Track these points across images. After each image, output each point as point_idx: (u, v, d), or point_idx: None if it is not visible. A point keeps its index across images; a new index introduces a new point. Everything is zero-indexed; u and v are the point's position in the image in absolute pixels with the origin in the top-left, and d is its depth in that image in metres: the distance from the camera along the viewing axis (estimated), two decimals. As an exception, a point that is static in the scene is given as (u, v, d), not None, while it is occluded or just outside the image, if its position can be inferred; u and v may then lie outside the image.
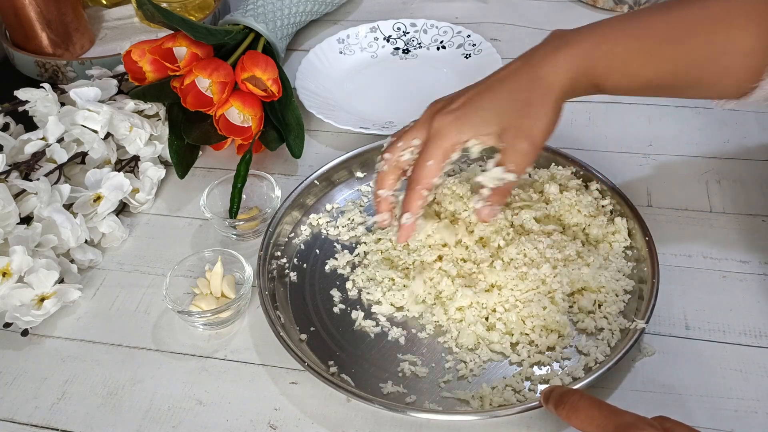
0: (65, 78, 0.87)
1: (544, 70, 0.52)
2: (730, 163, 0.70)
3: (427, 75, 0.87)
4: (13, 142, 0.68)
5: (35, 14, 0.85)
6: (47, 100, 0.68)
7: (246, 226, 0.66)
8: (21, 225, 0.61)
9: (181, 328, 0.60)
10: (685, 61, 0.52)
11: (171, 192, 0.73)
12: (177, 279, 0.61)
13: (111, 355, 0.58)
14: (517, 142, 0.52)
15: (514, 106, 0.52)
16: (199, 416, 0.54)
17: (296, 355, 0.53)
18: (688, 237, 0.63)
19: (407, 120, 0.78)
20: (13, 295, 0.58)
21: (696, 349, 0.55)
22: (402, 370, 0.55)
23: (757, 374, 0.53)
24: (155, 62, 0.71)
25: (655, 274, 0.56)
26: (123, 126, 0.68)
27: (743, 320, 0.57)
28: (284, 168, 0.75)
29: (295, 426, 0.52)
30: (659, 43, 0.52)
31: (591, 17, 0.93)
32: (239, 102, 0.69)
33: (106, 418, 0.54)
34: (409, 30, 0.91)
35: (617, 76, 0.53)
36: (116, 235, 0.67)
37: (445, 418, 0.50)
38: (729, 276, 0.60)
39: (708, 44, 0.51)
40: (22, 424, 0.54)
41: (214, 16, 0.95)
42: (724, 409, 0.51)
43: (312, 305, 0.60)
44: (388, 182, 0.56)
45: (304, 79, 0.83)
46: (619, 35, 0.53)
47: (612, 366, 0.51)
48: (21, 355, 0.59)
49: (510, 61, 0.55)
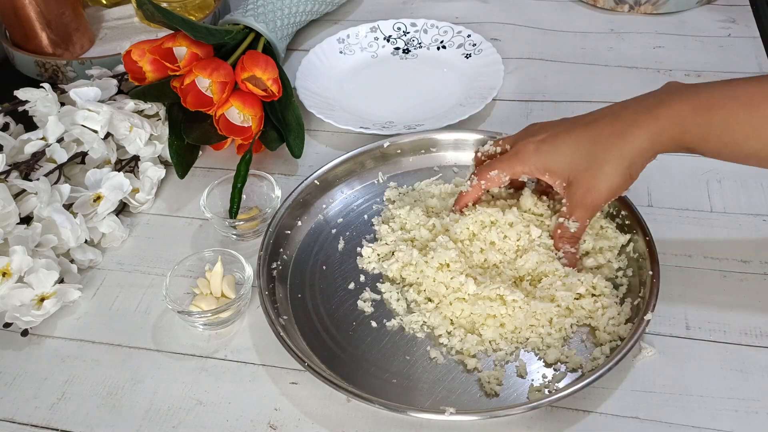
0: (65, 78, 0.87)
1: (630, 131, 0.53)
2: (730, 162, 0.70)
3: (427, 75, 0.87)
4: (13, 142, 0.68)
5: (35, 14, 0.85)
6: (47, 100, 0.68)
7: (246, 226, 0.66)
8: (21, 225, 0.61)
9: (181, 328, 0.60)
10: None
11: (171, 192, 0.73)
12: (177, 279, 0.61)
13: (111, 355, 0.58)
14: (580, 197, 0.55)
15: (588, 161, 0.54)
16: (199, 416, 0.54)
17: (296, 355, 0.53)
18: (689, 237, 0.63)
19: (407, 120, 0.78)
20: (13, 295, 0.58)
21: (696, 349, 0.55)
22: (402, 370, 0.55)
23: (757, 374, 0.53)
24: (155, 62, 0.71)
25: (656, 274, 0.56)
26: (123, 126, 0.68)
27: (743, 320, 0.57)
28: (284, 168, 0.75)
29: (295, 426, 0.52)
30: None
31: (591, 17, 0.94)
32: (239, 102, 0.69)
33: (106, 418, 0.54)
34: (409, 30, 0.91)
35: (716, 144, 0.51)
36: (116, 235, 0.67)
37: (445, 418, 0.50)
38: (729, 276, 0.60)
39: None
40: (22, 424, 0.54)
41: (214, 15, 0.95)
42: (724, 409, 0.51)
43: (312, 305, 0.60)
44: (462, 203, 0.63)
45: (304, 79, 0.83)
46: (726, 101, 0.51)
47: (612, 366, 0.51)
48: (21, 355, 0.59)
49: (607, 105, 0.57)
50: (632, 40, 0.89)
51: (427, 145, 0.72)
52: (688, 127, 0.51)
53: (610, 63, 0.86)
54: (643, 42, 0.89)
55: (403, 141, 0.71)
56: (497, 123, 0.78)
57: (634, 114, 0.53)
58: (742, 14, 0.92)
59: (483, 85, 0.81)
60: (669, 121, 0.52)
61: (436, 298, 0.58)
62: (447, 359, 0.55)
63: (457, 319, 0.57)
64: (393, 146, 0.71)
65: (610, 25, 0.92)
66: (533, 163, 0.57)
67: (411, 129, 0.75)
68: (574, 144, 0.55)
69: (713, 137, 0.51)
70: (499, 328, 0.56)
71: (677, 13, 0.93)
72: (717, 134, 0.51)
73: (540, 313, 0.55)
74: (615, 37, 0.90)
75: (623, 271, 0.60)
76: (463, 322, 0.57)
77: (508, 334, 0.56)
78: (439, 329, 0.57)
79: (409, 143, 0.71)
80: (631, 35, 0.90)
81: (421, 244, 0.62)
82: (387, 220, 0.66)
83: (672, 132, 0.52)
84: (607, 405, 0.52)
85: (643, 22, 0.92)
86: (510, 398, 0.52)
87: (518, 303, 0.55)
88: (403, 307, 0.59)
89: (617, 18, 0.93)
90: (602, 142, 0.54)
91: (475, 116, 0.76)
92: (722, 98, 0.51)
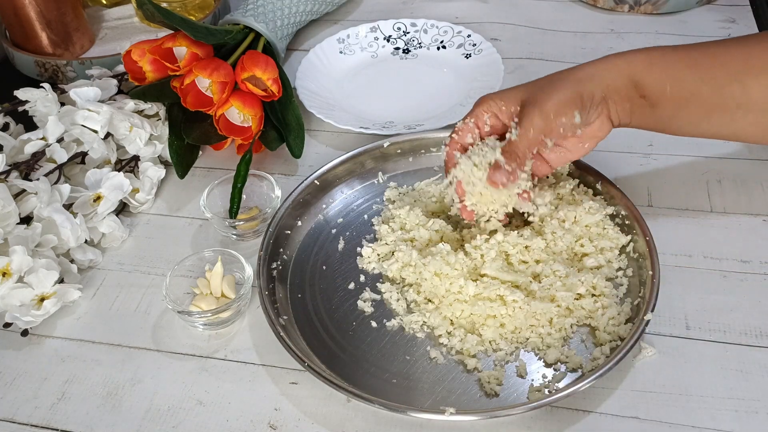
0: (65, 78, 0.87)
1: (587, 64, 0.57)
2: (730, 162, 0.70)
3: (427, 75, 0.87)
4: (13, 142, 0.68)
5: (35, 14, 0.85)
6: (47, 100, 0.68)
7: (246, 226, 0.66)
8: (21, 225, 0.61)
9: (181, 328, 0.60)
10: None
11: (171, 192, 0.73)
12: (177, 279, 0.61)
13: (111, 355, 0.58)
14: (529, 110, 0.55)
15: (544, 83, 0.57)
16: (199, 416, 0.54)
17: (296, 355, 0.53)
18: (689, 237, 0.63)
19: (407, 120, 0.78)
20: (13, 295, 0.58)
21: (696, 349, 0.55)
22: (402, 370, 0.55)
23: (758, 374, 0.53)
24: (155, 62, 0.71)
25: (656, 274, 0.56)
26: (123, 126, 0.68)
27: (744, 320, 0.57)
28: (284, 168, 0.75)
29: (295, 426, 0.52)
30: (706, 56, 0.55)
31: (591, 17, 0.94)
32: (239, 102, 0.69)
33: (106, 418, 0.54)
34: (409, 30, 0.91)
35: (660, 75, 0.54)
36: (116, 235, 0.67)
37: (445, 418, 0.50)
38: (729, 276, 0.60)
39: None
40: (22, 424, 0.54)
41: (214, 16, 0.95)
42: (724, 409, 0.51)
43: (312, 305, 0.60)
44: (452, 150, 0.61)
45: (304, 79, 0.83)
46: (668, 48, 0.56)
47: (612, 366, 0.51)
48: (21, 355, 0.59)
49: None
50: (632, 40, 0.89)
51: (427, 145, 0.72)
52: (637, 61, 0.55)
53: (610, 63, 0.86)
54: (643, 42, 0.88)
55: (403, 141, 0.71)
56: (497, 123, 0.78)
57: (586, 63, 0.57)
58: (742, 14, 0.92)
59: (483, 85, 0.81)
60: (625, 62, 0.56)
61: (435, 299, 0.58)
62: (447, 359, 0.55)
63: (457, 319, 0.57)
64: (393, 146, 0.71)
65: (610, 25, 0.92)
66: (490, 98, 0.59)
67: (411, 129, 0.75)
68: (531, 83, 0.58)
69: (658, 70, 0.55)
70: (499, 328, 0.56)
71: (677, 13, 0.93)
72: (661, 68, 0.55)
73: (540, 313, 0.56)
74: (615, 37, 0.90)
75: (623, 271, 0.60)
76: (463, 323, 0.57)
77: (508, 334, 0.56)
78: (439, 329, 0.57)
79: (409, 143, 0.71)
80: (631, 35, 0.90)
81: (420, 244, 0.62)
82: (387, 220, 0.66)
83: (627, 70, 0.55)
84: (607, 405, 0.52)
85: (643, 22, 0.92)
86: (510, 398, 0.52)
87: (518, 303, 0.55)
88: (403, 307, 0.59)
89: (617, 18, 0.93)
90: (561, 73, 0.57)
91: (475, 116, 0.76)
92: (663, 48, 0.56)
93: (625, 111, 0.56)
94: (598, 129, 0.57)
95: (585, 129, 0.56)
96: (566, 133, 0.56)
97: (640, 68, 0.55)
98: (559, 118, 0.54)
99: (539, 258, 0.60)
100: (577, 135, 0.56)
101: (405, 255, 0.60)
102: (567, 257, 0.60)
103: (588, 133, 0.57)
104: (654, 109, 0.56)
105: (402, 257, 0.60)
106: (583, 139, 0.58)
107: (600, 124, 0.57)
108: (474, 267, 0.59)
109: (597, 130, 0.57)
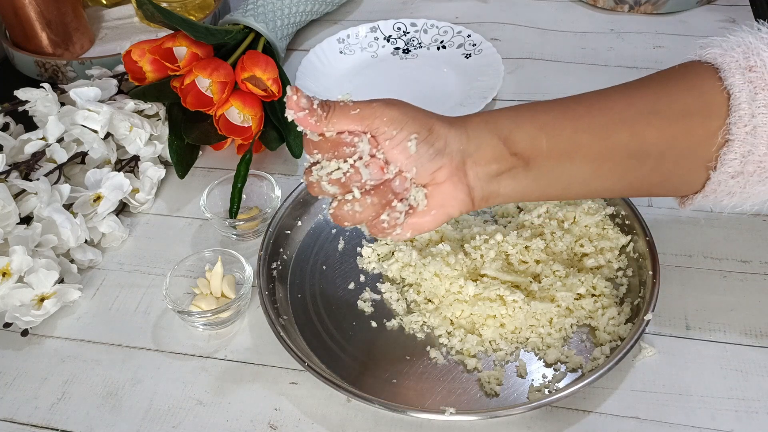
0: (65, 78, 0.87)
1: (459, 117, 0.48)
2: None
3: (427, 75, 0.87)
4: (13, 142, 0.68)
5: (35, 14, 0.85)
6: (47, 100, 0.68)
7: (246, 226, 0.66)
8: (21, 225, 0.61)
9: (181, 328, 0.60)
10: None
11: (171, 192, 0.73)
12: (177, 279, 0.61)
13: (111, 355, 0.58)
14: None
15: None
16: (199, 416, 0.54)
17: (296, 355, 0.53)
18: (688, 237, 0.63)
19: (407, 120, 0.78)
20: (13, 295, 0.58)
21: (696, 349, 0.55)
22: (402, 370, 0.55)
23: (757, 374, 0.53)
24: (155, 62, 0.71)
25: (656, 274, 0.56)
26: (123, 126, 0.68)
27: (744, 320, 0.57)
28: (284, 168, 0.75)
29: (295, 426, 0.52)
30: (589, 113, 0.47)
31: (591, 17, 0.94)
32: (239, 102, 0.69)
33: (106, 418, 0.54)
34: (409, 30, 0.91)
35: (532, 128, 0.47)
36: (116, 235, 0.67)
37: (445, 418, 0.50)
38: (729, 276, 0.60)
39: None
40: (22, 424, 0.54)
41: (214, 16, 0.95)
42: (724, 409, 0.51)
43: (312, 305, 0.60)
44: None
45: (304, 79, 0.83)
46: (537, 103, 0.49)
47: (612, 366, 0.51)
48: (21, 355, 0.59)
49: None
50: (632, 40, 0.89)
51: (427, 145, 0.72)
52: (513, 127, 0.47)
53: (610, 63, 0.86)
54: (643, 42, 0.89)
55: (403, 141, 0.71)
56: (497, 123, 0.78)
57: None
58: (742, 14, 0.92)
59: (483, 85, 0.81)
60: (490, 117, 0.48)
61: (435, 299, 0.58)
62: (447, 359, 0.55)
63: (457, 319, 0.57)
64: (393, 146, 0.71)
65: (610, 25, 0.92)
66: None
67: (411, 129, 0.75)
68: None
69: (531, 127, 0.47)
70: (499, 329, 0.56)
71: (677, 13, 0.93)
72: (537, 124, 0.47)
73: (540, 313, 0.56)
74: (615, 37, 0.90)
75: (623, 271, 0.60)
76: (463, 323, 0.57)
77: (508, 334, 0.56)
78: (439, 329, 0.57)
79: (409, 143, 0.71)
80: (631, 35, 0.90)
81: (420, 244, 0.62)
82: None
83: (494, 125, 0.47)
84: (607, 405, 0.52)
85: (643, 22, 0.92)
86: (510, 398, 0.52)
87: (518, 303, 0.56)
88: (403, 307, 0.59)
89: (617, 18, 0.93)
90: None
91: (475, 116, 0.76)
92: (535, 105, 0.49)
93: (490, 174, 0.47)
94: (451, 196, 0.47)
95: (433, 193, 0.48)
96: (390, 145, 0.46)
97: (507, 123, 0.47)
98: (392, 124, 0.45)
99: (539, 258, 0.60)
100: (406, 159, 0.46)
101: (405, 255, 0.60)
102: (567, 257, 0.60)
103: (437, 200, 0.48)
104: (529, 169, 0.47)
105: (402, 257, 0.60)
106: (432, 206, 0.48)
107: (452, 188, 0.47)
108: (474, 267, 0.59)
109: (449, 196, 0.48)
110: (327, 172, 0.46)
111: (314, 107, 0.45)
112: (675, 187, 0.49)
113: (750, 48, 0.45)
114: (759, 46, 0.45)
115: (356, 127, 0.46)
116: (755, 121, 0.44)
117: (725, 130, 0.45)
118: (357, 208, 0.46)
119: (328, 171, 0.46)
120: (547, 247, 0.60)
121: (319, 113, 0.45)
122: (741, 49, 0.45)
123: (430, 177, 0.47)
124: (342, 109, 0.46)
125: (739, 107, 0.44)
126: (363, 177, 0.46)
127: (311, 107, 0.45)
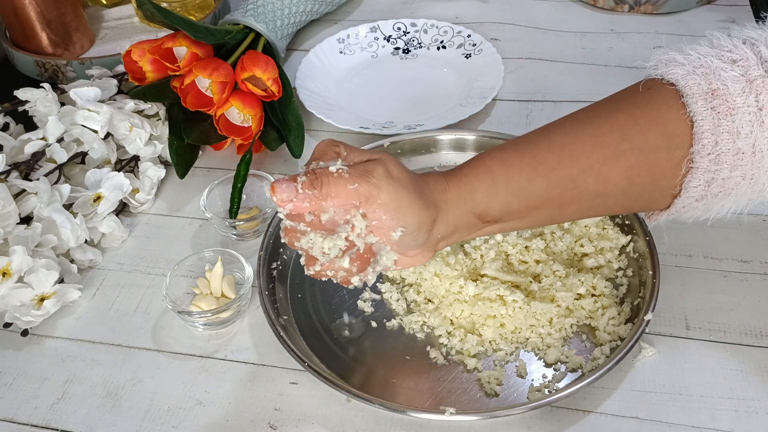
0: (65, 78, 0.87)
1: (444, 190, 0.48)
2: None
3: (427, 75, 0.87)
4: (13, 142, 0.68)
5: (35, 14, 0.85)
6: (47, 100, 0.68)
7: (246, 226, 0.66)
8: (21, 225, 0.61)
9: (181, 328, 0.60)
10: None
11: (171, 192, 0.73)
12: (177, 279, 0.61)
13: (111, 355, 0.58)
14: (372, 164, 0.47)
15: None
16: (199, 416, 0.53)
17: (296, 355, 0.53)
18: (688, 237, 0.63)
19: (407, 120, 0.78)
20: (13, 295, 0.58)
21: (696, 349, 0.55)
22: (402, 370, 0.55)
23: (757, 374, 0.53)
24: (155, 62, 0.71)
25: (656, 274, 0.56)
26: (123, 126, 0.68)
27: (744, 320, 0.57)
28: (284, 168, 0.75)
29: (295, 426, 0.52)
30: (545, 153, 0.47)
31: (591, 17, 0.94)
32: (239, 102, 0.69)
33: (106, 418, 0.54)
34: (409, 30, 0.91)
35: (505, 195, 0.48)
36: (116, 235, 0.67)
37: (445, 418, 0.50)
38: (729, 276, 0.60)
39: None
40: (22, 424, 0.54)
41: (214, 15, 0.95)
42: (724, 409, 0.51)
43: (312, 305, 0.60)
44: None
45: (304, 79, 0.83)
46: (498, 154, 0.49)
47: (612, 366, 0.51)
48: (21, 355, 0.59)
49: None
50: (632, 40, 0.89)
51: (427, 145, 0.72)
52: (488, 201, 0.48)
53: (610, 63, 0.86)
54: (643, 42, 0.89)
55: (403, 141, 0.71)
56: (497, 123, 0.79)
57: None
58: (742, 14, 0.92)
59: (483, 85, 0.81)
60: (468, 193, 0.48)
61: (435, 299, 0.58)
62: (447, 359, 0.55)
63: (457, 319, 0.57)
64: (393, 146, 0.71)
65: (610, 25, 0.92)
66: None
67: (411, 129, 0.75)
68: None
69: (499, 188, 0.48)
70: (499, 329, 0.56)
71: (677, 13, 0.93)
72: (501, 182, 0.48)
73: (540, 313, 0.56)
74: (615, 37, 0.90)
75: (623, 271, 0.60)
76: (463, 323, 0.57)
77: (508, 335, 0.56)
78: (439, 329, 0.57)
79: (409, 143, 0.71)
80: (631, 35, 0.90)
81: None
82: None
83: (471, 203, 0.48)
84: (607, 405, 0.52)
85: (643, 22, 0.92)
86: (510, 398, 0.52)
87: (518, 303, 0.56)
88: (403, 307, 0.59)
89: (617, 18, 0.93)
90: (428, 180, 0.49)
91: (475, 116, 0.76)
92: (495, 154, 0.49)
93: (460, 240, 0.51)
94: (418, 260, 0.50)
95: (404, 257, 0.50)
96: (376, 225, 0.46)
97: (483, 197, 0.48)
98: (385, 210, 0.45)
99: (539, 258, 0.60)
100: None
101: (405, 255, 0.60)
102: (567, 257, 0.60)
103: (404, 262, 0.50)
104: (497, 224, 0.50)
105: None
106: (398, 264, 0.50)
107: (422, 257, 0.50)
108: (474, 267, 0.59)
109: (417, 260, 0.50)
110: (321, 248, 0.46)
111: (299, 190, 0.44)
112: (639, 210, 0.53)
113: (711, 68, 0.44)
114: (720, 66, 0.43)
115: (354, 202, 0.45)
116: (718, 149, 0.43)
117: (689, 160, 0.44)
118: (341, 273, 0.48)
119: (323, 248, 0.46)
120: (547, 247, 0.60)
121: (307, 193, 0.44)
122: (702, 70, 0.44)
123: (404, 252, 0.49)
124: (339, 183, 0.44)
125: (702, 136, 0.43)
126: (361, 249, 0.47)
127: (296, 193, 0.44)
